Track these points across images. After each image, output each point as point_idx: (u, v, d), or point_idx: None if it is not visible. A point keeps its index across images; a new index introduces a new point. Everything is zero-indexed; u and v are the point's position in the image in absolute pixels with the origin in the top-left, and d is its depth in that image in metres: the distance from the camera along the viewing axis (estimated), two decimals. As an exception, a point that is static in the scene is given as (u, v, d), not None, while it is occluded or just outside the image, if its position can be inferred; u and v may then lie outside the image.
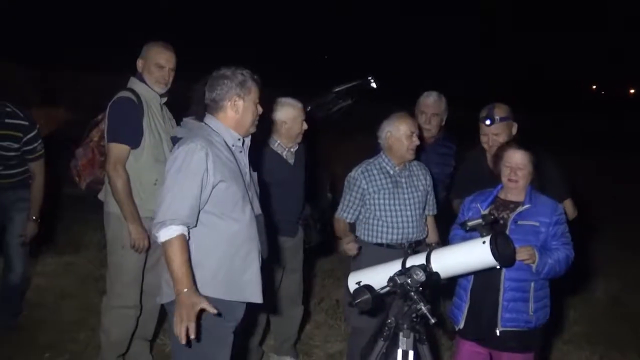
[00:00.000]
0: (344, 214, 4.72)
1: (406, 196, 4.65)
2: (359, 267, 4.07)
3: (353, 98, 8.45)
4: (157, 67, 4.56)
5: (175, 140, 4.33)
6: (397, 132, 4.60)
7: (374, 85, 7.28)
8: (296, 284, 5.17)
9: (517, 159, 3.99)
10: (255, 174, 3.75)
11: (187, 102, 3.87)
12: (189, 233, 3.31)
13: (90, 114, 4.96)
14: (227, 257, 3.41)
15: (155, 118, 4.58)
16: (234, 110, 3.47)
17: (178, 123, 4.19)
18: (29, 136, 5.08)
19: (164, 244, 3.24)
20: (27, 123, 5.09)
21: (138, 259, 4.59)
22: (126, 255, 4.53)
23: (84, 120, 5.06)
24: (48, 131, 5.30)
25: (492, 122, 4.63)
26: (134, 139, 4.47)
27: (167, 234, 3.23)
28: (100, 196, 4.74)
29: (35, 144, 5.14)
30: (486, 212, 3.93)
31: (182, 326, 3.13)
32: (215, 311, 3.20)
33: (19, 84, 14.06)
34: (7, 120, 5.02)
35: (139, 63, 4.61)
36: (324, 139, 4.97)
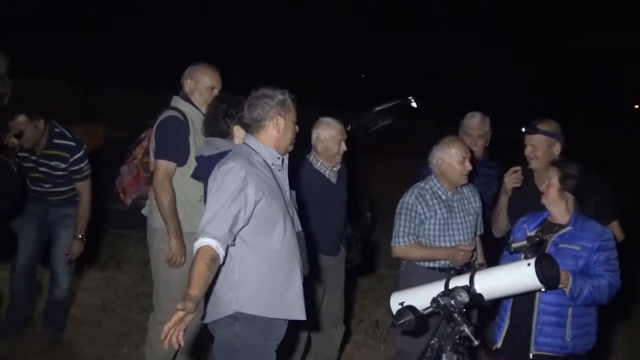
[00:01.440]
0: (405, 239, 4.58)
1: (459, 220, 4.62)
2: (405, 288, 4.05)
3: (393, 117, 8.46)
4: (208, 90, 4.67)
5: (201, 160, 4.42)
6: (449, 158, 4.55)
7: (414, 104, 7.28)
8: (338, 303, 5.16)
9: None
10: (294, 192, 3.78)
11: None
12: (226, 251, 3.33)
13: (129, 131, 5.05)
14: (269, 275, 3.44)
15: (199, 136, 4.66)
16: (276, 129, 3.52)
17: None
18: (75, 157, 5.17)
19: (195, 251, 3.27)
20: (74, 144, 5.18)
21: (183, 274, 4.56)
22: (171, 270, 4.59)
23: (123, 137, 5.16)
24: (89, 148, 5.38)
25: (532, 132, 4.58)
26: (181, 157, 4.57)
27: (196, 245, 3.27)
28: (144, 211, 4.83)
29: (82, 165, 5.22)
30: (532, 233, 3.90)
31: (175, 328, 3.10)
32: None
33: (61, 101, 14.34)
34: (55, 141, 5.12)
35: (187, 84, 4.70)
36: (360, 158, 4.99)
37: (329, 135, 4.91)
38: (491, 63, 28.49)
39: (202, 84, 4.67)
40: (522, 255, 3.55)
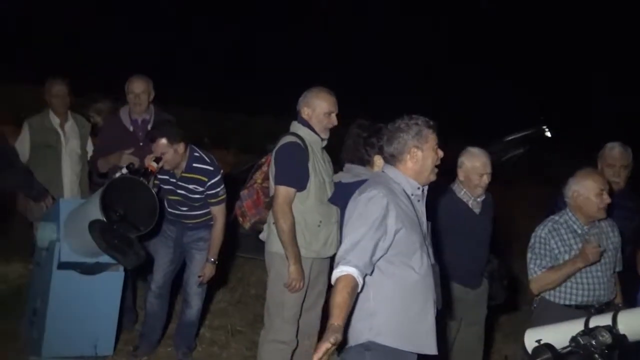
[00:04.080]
0: (538, 270, 4.44)
1: None
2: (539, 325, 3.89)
3: (525, 147, 8.23)
4: (326, 116, 4.72)
5: (340, 186, 4.42)
6: (586, 191, 4.36)
7: (548, 134, 7.04)
8: (476, 338, 5.01)
9: None
10: (429, 223, 3.72)
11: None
12: (364, 280, 3.30)
13: (258, 157, 5.15)
14: (404, 306, 3.38)
15: (318, 161, 4.72)
16: (414, 162, 3.48)
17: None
18: (213, 181, 5.24)
19: (335, 280, 3.24)
20: (212, 168, 5.27)
21: (298, 296, 4.72)
22: (287, 292, 4.66)
23: (248, 162, 5.26)
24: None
25: None
26: (300, 182, 4.62)
27: (336, 273, 3.24)
28: (262, 236, 4.92)
29: (218, 189, 5.28)
30: None
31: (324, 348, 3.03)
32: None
33: (194, 126, 14.87)
34: (194, 165, 5.23)
35: (305, 110, 4.76)
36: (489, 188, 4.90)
37: (471, 165, 4.82)
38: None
39: (319, 110, 4.72)
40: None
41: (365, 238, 3.26)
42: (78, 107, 6.77)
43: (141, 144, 5.75)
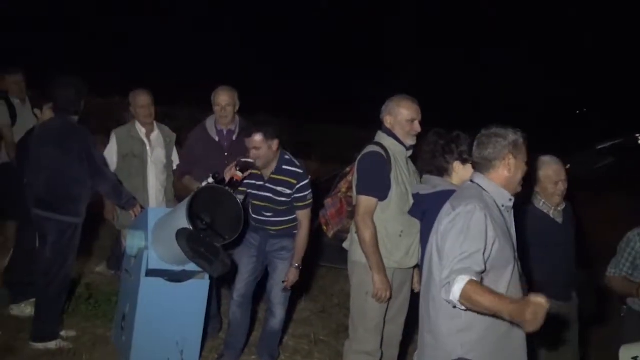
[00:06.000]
0: (613, 270, 4.55)
1: None
2: (632, 340, 3.75)
3: (616, 156, 7.95)
4: (409, 123, 4.69)
5: (417, 197, 4.36)
6: None
7: (640, 142, 6.78)
8: (570, 354, 4.84)
9: None
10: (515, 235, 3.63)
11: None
12: None
13: (340, 166, 5.15)
14: (495, 322, 3.29)
15: (402, 171, 4.68)
16: (507, 169, 3.40)
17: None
18: (302, 184, 5.24)
19: (462, 298, 3.11)
20: (301, 171, 5.28)
21: (381, 307, 4.70)
22: (369, 302, 4.65)
23: (332, 172, 5.26)
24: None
25: None
26: (382, 192, 4.61)
27: (458, 287, 3.11)
28: (345, 245, 4.92)
29: (306, 193, 5.28)
30: None
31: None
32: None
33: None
34: (284, 167, 5.25)
35: (387, 118, 4.75)
36: (577, 197, 4.76)
37: (544, 174, 4.74)
38: None
39: (401, 118, 4.70)
40: None
41: (472, 251, 3.18)
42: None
43: (226, 154, 5.83)
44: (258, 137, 5.10)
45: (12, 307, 6.16)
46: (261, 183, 5.30)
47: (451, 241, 3.26)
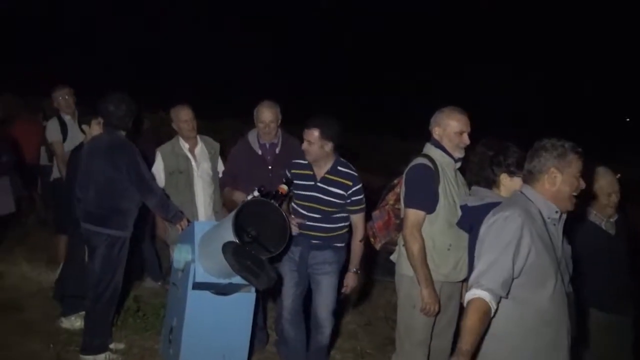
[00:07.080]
0: None
1: None
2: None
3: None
4: (457, 135, 4.64)
5: (465, 209, 4.31)
6: None
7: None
8: None
9: None
10: (568, 248, 3.57)
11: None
12: (497, 304, 3.21)
13: (388, 177, 5.12)
14: (533, 333, 3.27)
15: (450, 184, 4.63)
16: (550, 183, 3.36)
17: None
18: (357, 187, 5.24)
19: (467, 303, 3.22)
20: (357, 174, 5.29)
21: (428, 320, 4.65)
22: (416, 315, 4.60)
23: (381, 183, 5.23)
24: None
25: None
26: (429, 205, 4.57)
27: (469, 295, 3.22)
28: (393, 257, 4.88)
29: (361, 196, 5.27)
30: None
31: None
32: None
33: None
34: (339, 168, 5.26)
35: (436, 130, 4.70)
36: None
37: (597, 186, 4.67)
38: None
39: (450, 129, 4.64)
40: None
41: (500, 259, 3.20)
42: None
43: (269, 167, 5.86)
44: (315, 133, 5.16)
45: (62, 320, 6.28)
46: (312, 183, 5.29)
47: (486, 245, 3.30)
